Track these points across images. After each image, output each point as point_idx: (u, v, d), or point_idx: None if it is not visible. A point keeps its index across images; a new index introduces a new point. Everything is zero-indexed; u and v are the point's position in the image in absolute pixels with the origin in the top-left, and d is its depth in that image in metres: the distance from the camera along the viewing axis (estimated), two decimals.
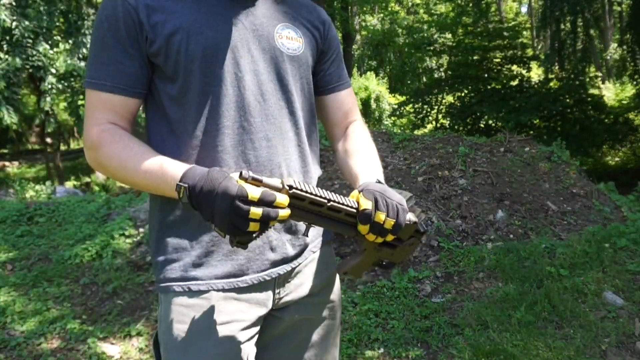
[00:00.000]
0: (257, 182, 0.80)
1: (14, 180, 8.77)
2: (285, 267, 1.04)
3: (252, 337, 1.01)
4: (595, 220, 3.85)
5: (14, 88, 9.37)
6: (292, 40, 1.04)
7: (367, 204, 0.87)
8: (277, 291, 1.04)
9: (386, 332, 2.66)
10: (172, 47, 0.92)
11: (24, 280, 3.46)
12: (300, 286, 1.08)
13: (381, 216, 0.87)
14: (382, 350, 2.52)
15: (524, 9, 30.20)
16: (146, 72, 0.95)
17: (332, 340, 1.16)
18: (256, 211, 0.77)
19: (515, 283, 2.98)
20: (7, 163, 17.96)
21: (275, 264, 1.02)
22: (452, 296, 2.98)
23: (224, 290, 0.98)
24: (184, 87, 0.94)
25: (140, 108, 1.01)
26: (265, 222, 0.79)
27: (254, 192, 0.78)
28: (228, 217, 0.77)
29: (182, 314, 0.97)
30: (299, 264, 1.07)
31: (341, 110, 1.15)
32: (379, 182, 0.96)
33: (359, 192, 0.91)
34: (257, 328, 1.02)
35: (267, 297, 1.03)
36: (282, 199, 0.80)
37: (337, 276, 1.17)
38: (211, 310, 0.97)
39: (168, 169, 0.89)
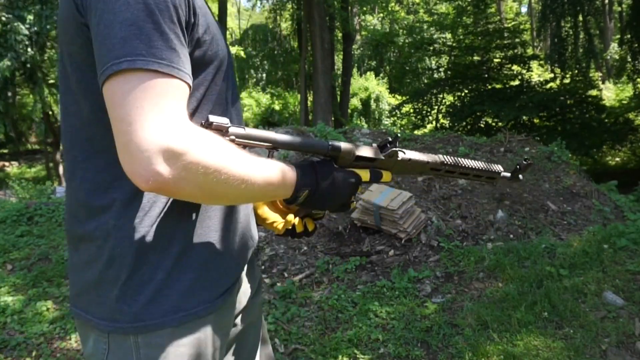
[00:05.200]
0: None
1: (14, 180, 8.76)
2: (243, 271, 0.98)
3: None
4: (595, 220, 3.85)
5: None
6: None
7: None
8: (237, 298, 0.97)
9: (386, 332, 2.66)
10: (206, 39, 0.80)
11: (24, 280, 3.46)
12: (245, 288, 1.02)
13: None
14: (382, 350, 2.52)
15: (524, 9, 30.20)
16: None
17: (267, 336, 1.14)
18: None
19: (515, 283, 2.97)
20: (7, 163, 17.96)
21: (243, 267, 0.95)
22: (452, 296, 2.98)
23: (216, 311, 0.86)
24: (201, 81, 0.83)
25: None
26: None
27: (366, 176, 0.93)
28: (347, 200, 0.91)
29: (180, 355, 0.81)
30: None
31: None
32: None
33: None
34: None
35: (234, 307, 0.95)
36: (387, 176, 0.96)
37: None
38: (206, 339, 0.85)
39: (285, 169, 0.82)
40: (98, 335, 0.80)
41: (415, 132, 12.22)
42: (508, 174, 1.13)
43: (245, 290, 1.01)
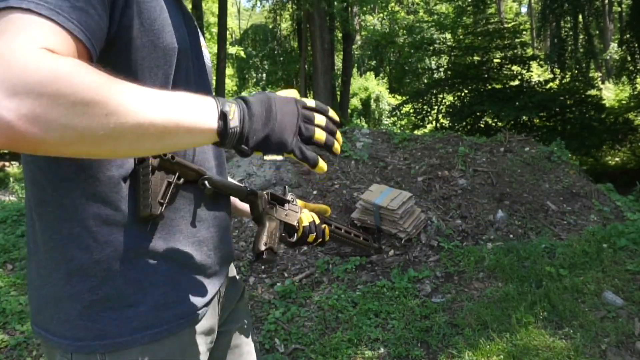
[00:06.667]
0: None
1: (14, 180, 8.77)
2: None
3: None
4: (595, 220, 3.86)
5: None
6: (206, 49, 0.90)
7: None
8: (219, 304, 0.92)
9: (386, 332, 2.66)
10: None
11: (24, 280, 3.46)
12: (230, 293, 0.97)
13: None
14: (382, 350, 2.52)
15: (524, 9, 30.22)
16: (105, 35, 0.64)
17: (253, 337, 1.10)
18: (319, 117, 0.71)
19: (515, 283, 2.98)
20: (7, 163, 17.95)
21: (220, 281, 0.88)
22: (452, 296, 2.98)
23: (192, 325, 0.80)
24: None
25: None
26: (330, 133, 0.73)
27: (309, 102, 0.73)
28: (296, 121, 0.69)
29: None
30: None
31: None
32: None
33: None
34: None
35: (216, 314, 0.89)
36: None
37: None
38: (182, 355, 0.79)
39: (194, 97, 0.63)
40: (62, 356, 0.73)
41: (415, 132, 12.22)
42: (376, 245, 1.38)
43: (229, 296, 0.96)
